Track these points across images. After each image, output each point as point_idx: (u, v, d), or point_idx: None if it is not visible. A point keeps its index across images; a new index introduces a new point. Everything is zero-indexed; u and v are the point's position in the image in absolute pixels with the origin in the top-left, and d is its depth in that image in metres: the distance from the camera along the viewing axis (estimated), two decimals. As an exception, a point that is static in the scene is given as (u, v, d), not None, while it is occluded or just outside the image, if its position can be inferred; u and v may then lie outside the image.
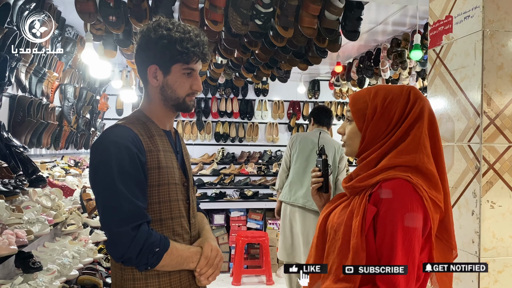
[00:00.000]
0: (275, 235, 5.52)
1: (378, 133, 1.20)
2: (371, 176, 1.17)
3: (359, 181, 1.19)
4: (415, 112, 1.18)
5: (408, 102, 1.19)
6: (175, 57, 1.31)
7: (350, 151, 1.28)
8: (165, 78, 1.34)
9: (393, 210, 1.10)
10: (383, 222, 1.12)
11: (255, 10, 2.99)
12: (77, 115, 4.14)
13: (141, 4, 2.87)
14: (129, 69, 5.43)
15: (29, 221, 2.13)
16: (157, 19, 1.35)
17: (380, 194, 1.13)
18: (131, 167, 1.23)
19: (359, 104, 1.24)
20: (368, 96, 1.23)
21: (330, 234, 1.22)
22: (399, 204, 1.11)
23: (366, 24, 3.68)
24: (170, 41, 1.30)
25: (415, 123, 1.18)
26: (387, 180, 1.14)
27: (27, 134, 2.92)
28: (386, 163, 1.17)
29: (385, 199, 1.12)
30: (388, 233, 1.10)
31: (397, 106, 1.19)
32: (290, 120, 6.28)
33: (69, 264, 2.31)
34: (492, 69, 1.87)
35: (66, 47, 3.57)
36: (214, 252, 1.36)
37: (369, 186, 1.17)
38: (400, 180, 1.13)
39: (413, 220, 1.11)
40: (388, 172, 1.15)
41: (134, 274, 1.27)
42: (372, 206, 1.13)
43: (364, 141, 1.23)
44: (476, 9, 1.92)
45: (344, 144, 1.30)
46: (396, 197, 1.11)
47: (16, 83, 2.84)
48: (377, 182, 1.15)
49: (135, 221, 1.21)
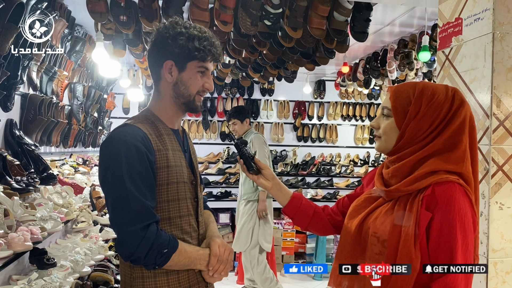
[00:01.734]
0: (280, 234, 5.54)
1: (418, 132, 1.15)
2: (419, 179, 1.12)
3: (407, 185, 1.13)
4: (460, 116, 1.14)
5: (452, 104, 1.15)
6: (192, 53, 1.33)
7: (383, 147, 1.23)
8: (179, 75, 1.35)
9: (451, 214, 1.07)
10: (439, 227, 1.07)
11: (264, 11, 3.01)
12: (86, 113, 4.17)
13: (151, 4, 2.90)
14: (137, 68, 5.46)
15: (42, 218, 2.16)
16: (173, 19, 1.38)
17: (434, 198, 1.08)
18: (140, 167, 1.24)
19: (401, 99, 1.18)
20: (412, 92, 1.17)
21: (371, 240, 1.16)
22: (456, 209, 1.07)
23: (373, 25, 3.69)
24: (189, 38, 1.33)
25: (460, 128, 1.14)
26: (440, 183, 1.09)
27: (38, 132, 2.94)
28: (431, 167, 1.12)
29: (441, 204, 1.08)
30: (446, 238, 1.07)
31: (442, 108, 1.14)
32: (296, 120, 6.29)
33: (82, 261, 2.34)
34: (502, 71, 1.89)
35: (76, 46, 3.60)
36: (222, 249, 1.37)
37: (418, 190, 1.12)
38: (454, 184, 1.09)
39: (469, 225, 1.08)
40: (436, 176, 1.11)
41: (143, 272, 1.28)
42: (426, 212, 1.08)
43: (403, 139, 1.17)
44: (487, 11, 1.94)
45: (378, 138, 1.25)
46: (453, 201, 1.07)
47: (28, 82, 2.87)
48: (427, 186, 1.11)
49: (144, 221, 1.22)
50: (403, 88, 1.20)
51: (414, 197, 1.11)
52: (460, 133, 1.14)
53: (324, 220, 1.44)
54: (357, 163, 6.38)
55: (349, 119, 6.46)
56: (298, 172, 6.12)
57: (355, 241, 1.22)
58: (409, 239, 1.07)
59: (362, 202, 1.28)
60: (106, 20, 2.93)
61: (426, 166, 1.12)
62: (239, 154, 1.47)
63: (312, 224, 1.45)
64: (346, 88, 5.95)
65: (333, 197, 5.88)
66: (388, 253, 1.11)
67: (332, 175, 6.21)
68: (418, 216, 1.08)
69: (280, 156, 6.24)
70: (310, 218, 1.44)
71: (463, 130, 1.14)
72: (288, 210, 1.46)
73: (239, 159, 1.47)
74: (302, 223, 1.46)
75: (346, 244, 1.25)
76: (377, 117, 1.26)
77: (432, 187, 1.09)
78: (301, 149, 6.38)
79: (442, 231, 1.07)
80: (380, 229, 1.14)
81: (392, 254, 1.10)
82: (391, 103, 1.20)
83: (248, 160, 1.45)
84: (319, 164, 6.20)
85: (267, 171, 1.45)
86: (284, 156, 6.24)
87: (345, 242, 1.26)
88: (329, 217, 1.45)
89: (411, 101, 1.16)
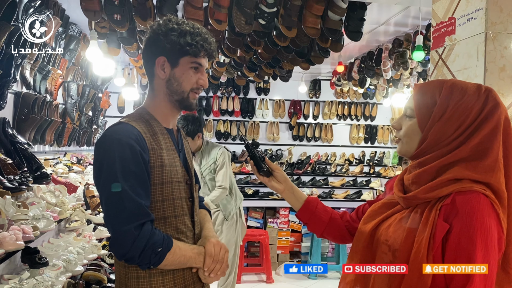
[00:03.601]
0: (275, 233, 5.55)
1: (443, 136, 1.04)
2: (440, 186, 1.01)
3: (425, 192, 1.03)
4: (493, 120, 1.01)
5: (484, 106, 1.02)
6: (184, 48, 1.32)
7: (404, 151, 1.13)
8: (172, 71, 1.35)
9: (471, 228, 0.94)
10: (457, 241, 0.96)
11: (259, 10, 3.01)
12: (80, 112, 4.16)
13: (145, 3, 2.90)
14: (132, 66, 5.45)
15: (35, 217, 2.15)
16: (167, 17, 1.38)
17: (454, 208, 0.97)
18: (134, 166, 1.23)
19: (426, 98, 1.07)
20: (438, 91, 1.06)
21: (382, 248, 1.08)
22: (478, 222, 0.94)
23: (368, 24, 3.70)
24: (180, 34, 1.32)
25: (492, 134, 1.01)
26: (462, 192, 0.98)
27: (31, 131, 2.93)
28: (455, 174, 1.01)
29: (461, 215, 0.96)
30: (465, 254, 0.95)
31: (471, 109, 1.02)
32: (291, 119, 6.30)
33: (74, 260, 2.33)
34: (495, 70, 1.89)
35: (70, 44, 3.58)
36: (217, 248, 1.37)
37: (437, 198, 1.01)
38: (478, 194, 0.97)
39: (492, 242, 0.95)
40: (460, 184, 0.99)
41: (138, 272, 1.28)
42: (444, 223, 0.97)
43: (425, 143, 1.06)
44: (479, 11, 1.94)
45: (398, 141, 1.15)
46: (475, 213, 0.95)
47: (21, 80, 2.86)
48: (448, 195, 1.00)
49: (138, 220, 1.21)
50: (429, 86, 1.09)
51: (432, 205, 1.01)
52: (491, 139, 1.01)
53: (341, 227, 1.35)
54: (352, 162, 6.40)
55: (345, 118, 6.47)
56: (294, 171, 6.13)
57: (366, 247, 1.14)
58: (421, 251, 0.97)
59: (379, 208, 1.19)
60: (100, 18, 2.92)
61: (449, 173, 1.01)
62: (249, 155, 1.40)
63: (328, 231, 1.36)
64: (341, 88, 5.96)
65: (328, 196, 5.89)
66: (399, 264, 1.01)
67: (327, 174, 6.23)
68: (434, 226, 0.98)
69: (276, 155, 6.25)
70: (326, 224, 1.35)
71: (495, 136, 1.01)
72: (301, 214, 1.37)
73: (249, 160, 1.41)
74: (317, 229, 1.36)
75: (358, 249, 1.17)
76: (399, 117, 1.15)
77: (453, 195, 0.98)
78: (296, 148, 6.39)
79: (460, 245, 0.95)
80: (392, 237, 1.06)
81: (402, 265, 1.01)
82: (414, 102, 1.09)
83: (258, 161, 1.39)
84: (314, 163, 6.21)
85: (279, 173, 1.38)
86: (280, 155, 6.25)
87: (356, 248, 1.18)
88: (347, 224, 1.35)
89: (436, 101, 1.05)
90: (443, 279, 0.97)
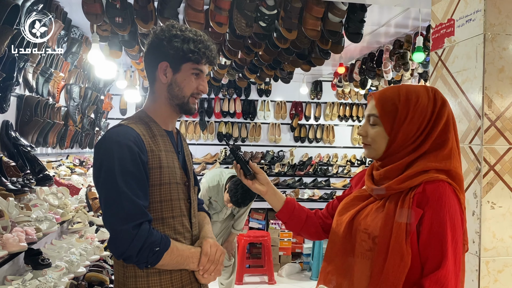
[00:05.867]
0: (277, 234, 5.56)
1: (408, 136, 1.18)
2: (410, 178, 1.15)
3: (399, 183, 1.16)
4: (444, 115, 1.18)
5: (435, 104, 1.19)
6: (186, 55, 1.35)
7: (374, 154, 1.26)
8: (174, 76, 1.38)
9: (441, 212, 1.10)
10: (429, 224, 1.10)
11: (259, 12, 3.02)
12: (82, 114, 4.18)
13: (147, 6, 2.91)
14: (133, 69, 5.47)
15: (37, 219, 2.17)
16: (170, 23, 1.40)
17: (425, 196, 1.12)
18: (132, 167, 1.26)
19: (388, 107, 1.20)
20: (397, 98, 1.20)
21: (361, 236, 1.19)
22: (446, 207, 1.10)
23: (369, 26, 3.71)
24: (184, 40, 1.35)
25: (446, 127, 1.18)
26: (430, 182, 1.13)
27: (34, 134, 2.95)
28: (422, 166, 1.15)
29: (432, 201, 1.11)
30: (437, 235, 1.10)
31: (427, 110, 1.18)
32: (293, 121, 6.31)
33: (77, 261, 2.35)
34: (493, 72, 1.90)
35: (72, 47, 3.61)
36: (214, 248, 1.39)
37: (409, 188, 1.15)
38: (444, 183, 1.13)
39: (457, 222, 1.12)
40: (428, 174, 1.14)
41: (136, 271, 1.30)
42: (418, 209, 1.11)
43: (393, 144, 1.20)
44: (478, 12, 1.95)
45: (366, 146, 1.27)
46: (443, 199, 1.11)
47: (24, 83, 2.88)
48: (419, 184, 1.14)
49: (136, 220, 1.23)
50: (387, 94, 1.22)
51: (405, 194, 1.14)
52: (446, 131, 1.18)
53: (316, 224, 1.45)
54: (354, 163, 6.40)
55: (346, 119, 6.48)
56: (295, 173, 6.14)
57: (344, 238, 1.23)
58: (401, 235, 1.09)
59: (351, 200, 1.29)
60: (102, 21, 2.94)
61: (417, 166, 1.16)
62: (235, 159, 1.44)
63: (305, 229, 1.46)
64: (342, 89, 5.97)
65: (330, 198, 5.90)
66: (379, 249, 1.13)
67: (329, 175, 6.23)
68: (409, 212, 1.11)
69: (277, 157, 6.25)
70: (303, 222, 1.45)
71: (448, 128, 1.18)
72: (282, 214, 1.46)
73: (236, 164, 1.45)
74: (295, 227, 1.47)
75: (336, 241, 1.26)
76: (364, 125, 1.28)
77: (423, 185, 1.13)
78: (298, 150, 6.40)
79: (433, 228, 1.10)
80: (371, 225, 1.17)
81: (382, 250, 1.12)
82: (378, 111, 1.22)
83: (245, 165, 1.43)
84: (316, 165, 6.22)
85: (262, 175, 1.45)
86: (281, 156, 6.26)
87: (335, 239, 1.27)
88: (320, 220, 1.45)
89: (397, 107, 1.19)
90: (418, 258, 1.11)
